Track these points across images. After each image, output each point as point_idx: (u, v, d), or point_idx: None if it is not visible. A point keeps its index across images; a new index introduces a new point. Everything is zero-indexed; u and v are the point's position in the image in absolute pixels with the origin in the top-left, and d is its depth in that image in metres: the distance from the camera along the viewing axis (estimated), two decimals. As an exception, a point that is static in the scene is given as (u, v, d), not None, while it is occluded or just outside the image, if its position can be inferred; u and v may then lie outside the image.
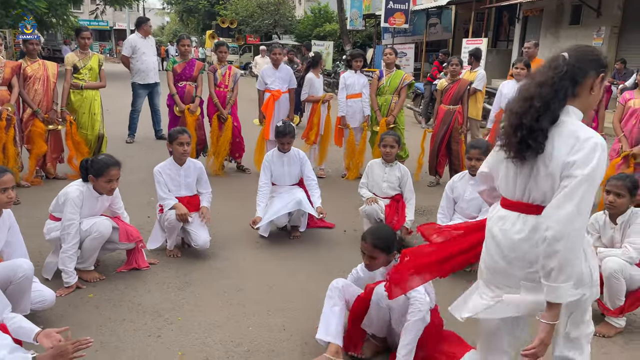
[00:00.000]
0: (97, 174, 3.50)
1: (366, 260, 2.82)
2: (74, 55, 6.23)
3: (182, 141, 4.00)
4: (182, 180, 4.12)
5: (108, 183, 3.52)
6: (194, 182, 4.19)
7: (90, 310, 3.24)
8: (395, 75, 6.44)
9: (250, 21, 29.73)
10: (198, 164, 4.20)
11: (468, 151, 3.92)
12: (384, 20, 17.99)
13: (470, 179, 3.99)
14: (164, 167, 4.08)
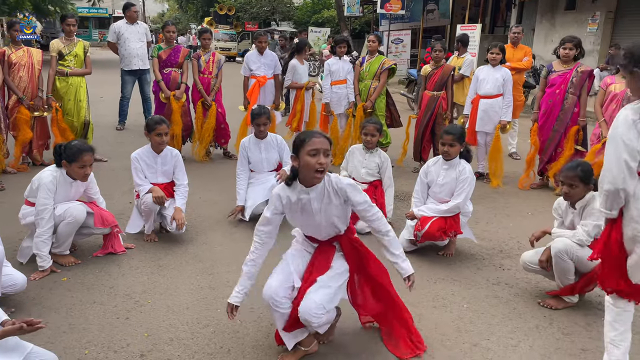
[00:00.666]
0: (70, 160, 3.53)
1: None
2: (59, 41, 6.24)
3: (160, 131, 4.03)
4: (158, 168, 4.16)
5: (81, 168, 3.56)
6: (171, 170, 4.22)
7: (63, 294, 3.29)
8: (374, 61, 6.43)
9: (248, 8, 29.56)
10: (175, 152, 4.22)
11: (442, 136, 3.94)
12: (380, 7, 17.86)
13: (443, 164, 4.01)
14: (141, 154, 4.12)
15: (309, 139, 2.45)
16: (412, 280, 2.70)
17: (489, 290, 3.52)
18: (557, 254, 3.15)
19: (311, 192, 2.53)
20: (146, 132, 4.11)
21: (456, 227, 3.89)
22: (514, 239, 4.44)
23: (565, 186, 3.23)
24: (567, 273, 3.18)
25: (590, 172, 3.22)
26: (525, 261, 3.43)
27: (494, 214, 5.06)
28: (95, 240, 4.03)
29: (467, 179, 3.87)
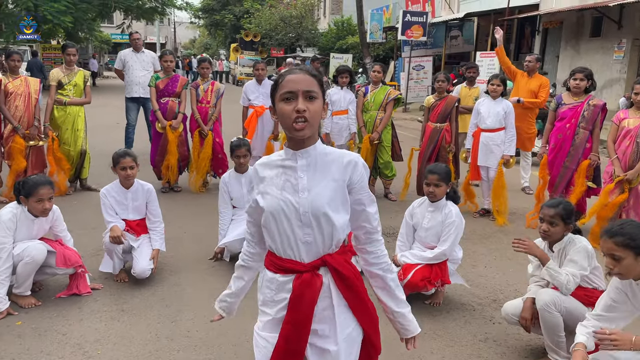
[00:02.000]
0: (27, 194, 3.40)
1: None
2: (59, 71, 6.23)
3: (125, 165, 3.88)
4: (129, 204, 3.99)
5: (39, 203, 3.41)
6: (143, 205, 4.05)
7: (12, 340, 3.10)
8: (379, 91, 6.22)
9: (274, 34, 29.90)
10: (147, 186, 4.05)
11: (426, 176, 3.65)
12: (401, 33, 17.74)
13: (429, 206, 3.71)
14: (110, 190, 3.96)
15: (283, 78, 1.74)
16: (415, 341, 2.05)
17: (474, 348, 3.18)
18: (544, 307, 2.82)
19: (300, 158, 1.77)
20: (112, 166, 3.94)
21: (443, 275, 3.57)
22: (512, 286, 4.07)
23: (544, 223, 2.96)
24: (556, 329, 2.84)
25: (572, 211, 2.95)
26: (508, 313, 3.10)
27: (494, 257, 4.71)
28: (63, 279, 3.85)
29: (453, 223, 3.56)
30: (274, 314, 1.83)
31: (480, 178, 5.79)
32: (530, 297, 3.00)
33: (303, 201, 1.74)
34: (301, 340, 1.78)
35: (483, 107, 5.68)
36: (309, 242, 1.76)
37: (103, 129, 10.44)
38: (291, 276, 1.79)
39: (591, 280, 2.94)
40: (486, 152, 5.65)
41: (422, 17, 17.82)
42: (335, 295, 1.82)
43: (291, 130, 1.72)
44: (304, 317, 1.77)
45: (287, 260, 1.79)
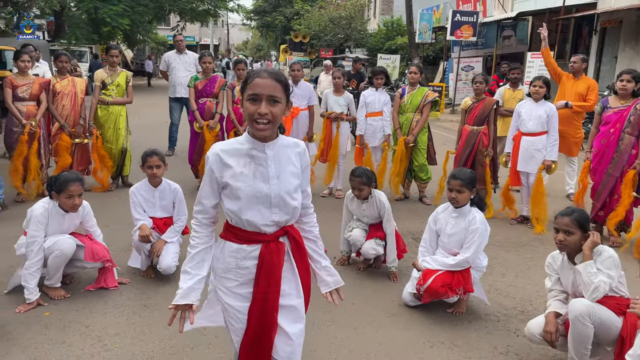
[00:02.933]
0: (58, 190, 3.53)
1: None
2: (103, 72, 6.47)
3: (151, 164, 3.97)
4: (157, 202, 4.09)
5: (69, 199, 3.54)
6: (171, 204, 4.13)
7: (38, 331, 3.23)
8: (417, 93, 6.10)
9: (322, 35, 29.98)
10: (174, 186, 4.13)
11: (449, 181, 3.55)
12: (450, 33, 17.40)
13: (453, 212, 3.60)
14: (139, 187, 4.07)
15: (252, 80, 1.93)
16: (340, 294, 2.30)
17: (492, 361, 3.06)
18: (579, 317, 2.65)
19: (268, 149, 2.01)
20: (141, 166, 4.05)
21: (465, 283, 3.45)
22: (543, 297, 3.87)
23: (560, 233, 2.83)
24: (585, 341, 2.68)
25: (587, 218, 2.81)
26: (533, 332, 2.95)
27: (527, 266, 4.51)
28: (93, 273, 3.99)
29: (477, 230, 3.43)
30: (241, 279, 2.07)
31: (520, 183, 5.57)
32: (553, 311, 2.85)
33: (273, 187, 2.01)
34: (275, 299, 2.06)
35: (524, 110, 5.45)
36: (276, 219, 2.04)
37: (151, 127, 10.78)
38: (257, 245, 2.05)
39: (618, 289, 2.77)
40: (527, 157, 5.43)
41: (473, 16, 17.41)
42: (293, 258, 2.14)
43: (253, 127, 1.96)
44: (275, 278, 2.05)
45: (253, 233, 2.04)
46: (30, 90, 5.82)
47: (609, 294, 2.74)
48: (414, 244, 4.97)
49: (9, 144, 5.87)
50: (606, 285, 2.68)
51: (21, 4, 17.42)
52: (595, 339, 2.72)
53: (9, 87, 5.72)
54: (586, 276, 2.71)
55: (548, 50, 6.64)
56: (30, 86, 5.83)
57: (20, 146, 5.69)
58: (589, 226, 2.85)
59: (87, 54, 21.06)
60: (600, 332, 2.69)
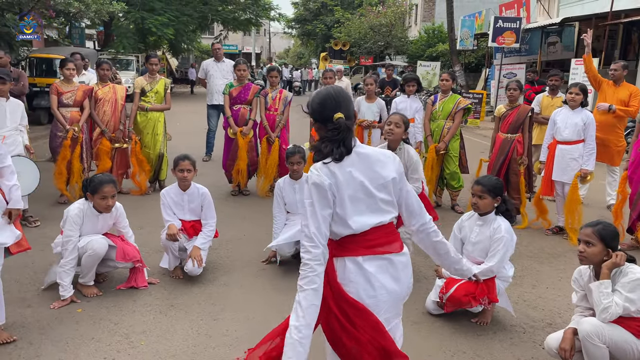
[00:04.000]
0: (92, 192, 3.68)
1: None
2: (143, 79, 6.71)
3: (182, 168, 4.08)
4: (185, 205, 4.20)
5: (102, 200, 3.68)
6: (199, 207, 4.23)
7: (70, 326, 3.38)
8: (449, 100, 6.05)
9: (362, 43, 30.02)
10: (202, 190, 4.23)
11: (472, 187, 3.50)
12: (492, 40, 17.10)
13: (478, 219, 3.55)
14: (169, 191, 4.20)
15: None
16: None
17: (515, 373, 2.99)
18: (586, 337, 2.61)
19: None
20: (172, 169, 4.17)
21: (490, 293, 3.39)
22: (572, 310, 3.71)
23: (581, 244, 2.76)
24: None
25: (614, 234, 2.69)
26: (550, 347, 2.87)
27: (559, 278, 4.38)
28: (125, 272, 4.13)
29: (502, 239, 3.37)
30: None
31: (552, 193, 5.42)
32: (572, 327, 2.78)
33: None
34: None
35: (559, 118, 5.32)
36: None
37: (191, 134, 11.05)
38: None
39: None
40: (562, 166, 5.28)
41: (515, 22, 17.07)
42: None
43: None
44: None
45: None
46: (74, 97, 6.09)
47: (634, 314, 2.63)
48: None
49: (53, 148, 6.16)
50: (619, 307, 2.59)
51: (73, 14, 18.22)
52: (614, 358, 2.64)
53: (54, 94, 6.01)
54: (597, 296, 2.65)
55: (590, 57, 6.45)
56: (74, 93, 6.11)
57: (64, 150, 5.96)
58: (616, 243, 2.73)
59: (134, 63, 21.82)
60: (617, 352, 2.61)
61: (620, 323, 2.62)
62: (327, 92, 2.11)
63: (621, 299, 2.60)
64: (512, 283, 4.19)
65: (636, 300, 2.59)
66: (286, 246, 4.27)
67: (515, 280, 4.29)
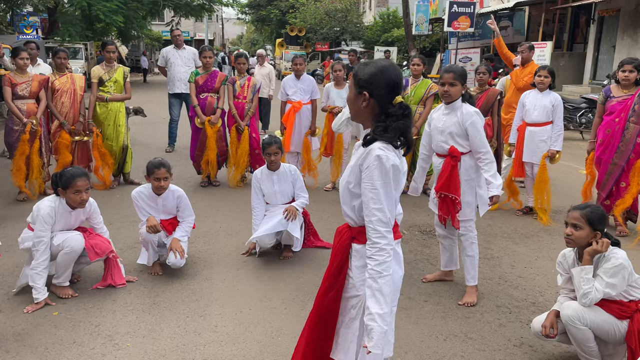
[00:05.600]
0: (65, 186, 3.47)
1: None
2: (100, 68, 6.39)
3: (159, 176, 3.90)
4: (160, 208, 4.05)
5: (76, 194, 3.50)
6: (174, 208, 4.09)
7: (47, 330, 3.20)
8: (420, 85, 6.06)
9: (318, 29, 29.86)
10: (177, 193, 4.06)
11: (442, 76, 3.51)
12: (448, 25, 17.32)
13: (445, 109, 3.57)
14: (141, 192, 4.00)
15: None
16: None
17: (507, 353, 3.04)
18: (568, 321, 2.70)
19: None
20: (146, 175, 3.98)
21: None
22: (553, 288, 3.87)
23: (568, 227, 2.80)
24: (585, 341, 2.69)
25: (601, 217, 2.76)
26: (535, 330, 2.94)
27: (535, 257, 4.50)
28: (100, 271, 3.96)
29: (474, 123, 3.43)
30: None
31: (524, 175, 5.55)
32: (555, 309, 2.85)
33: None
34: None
35: (528, 100, 5.43)
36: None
37: (150, 124, 10.70)
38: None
39: (628, 293, 2.73)
40: (532, 148, 5.40)
41: (470, 7, 17.33)
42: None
43: None
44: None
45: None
46: (30, 88, 5.75)
47: (616, 297, 2.70)
48: (420, 236, 4.96)
49: (10, 143, 5.81)
50: (599, 293, 2.64)
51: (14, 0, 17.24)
52: (599, 338, 2.72)
53: (7, 85, 5.65)
54: (577, 281, 2.71)
55: (500, 40, 6.76)
56: (29, 84, 5.76)
57: (22, 145, 5.63)
58: (603, 226, 2.77)
59: (82, 51, 20.89)
60: (599, 333, 2.69)
61: (602, 305, 2.69)
62: (397, 69, 1.97)
63: (602, 285, 2.65)
64: (492, 264, 4.30)
65: (617, 284, 2.65)
66: (267, 237, 4.19)
67: (494, 261, 4.40)
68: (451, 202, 3.57)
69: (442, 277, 3.96)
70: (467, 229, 3.64)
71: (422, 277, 3.99)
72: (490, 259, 4.42)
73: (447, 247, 3.86)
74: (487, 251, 4.56)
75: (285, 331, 3.19)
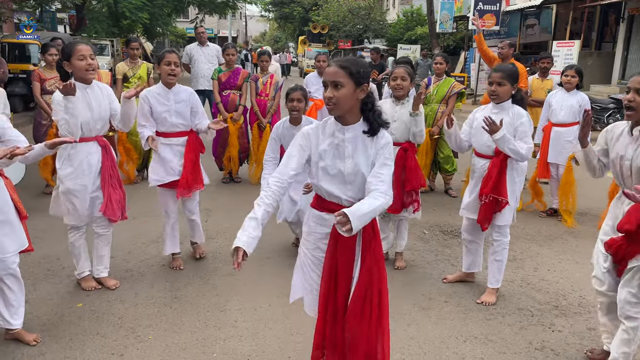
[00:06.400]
0: (68, 56, 3.30)
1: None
2: (125, 64, 6.49)
3: (170, 60, 3.71)
4: (172, 106, 3.81)
5: (81, 61, 3.29)
6: (187, 110, 3.86)
7: (71, 322, 3.27)
8: (443, 84, 6.00)
9: (341, 26, 29.78)
10: (189, 90, 3.93)
11: (490, 75, 3.45)
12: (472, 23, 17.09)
13: (493, 108, 3.48)
14: (152, 90, 3.81)
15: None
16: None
17: (528, 357, 3.00)
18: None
19: (347, 132, 2.24)
20: (156, 64, 3.84)
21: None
22: (576, 292, 3.81)
23: (631, 92, 2.50)
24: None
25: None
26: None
27: (559, 260, 4.42)
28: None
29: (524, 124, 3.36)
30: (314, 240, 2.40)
31: (549, 176, 5.46)
32: None
33: (347, 165, 2.23)
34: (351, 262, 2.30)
35: (555, 100, 5.33)
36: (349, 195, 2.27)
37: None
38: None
39: None
40: (557, 149, 5.31)
41: (495, 5, 17.09)
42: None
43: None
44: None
45: (331, 203, 2.31)
46: (58, 83, 5.86)
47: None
48: (441, 236, 4.92)
49: (37, 137, 5.93)
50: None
51: (44, -3, 17.60)
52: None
53: (37, 81, 5.77)
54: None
55: (481, 36, 6.54)
56: (57, 79, 5.87)
57: (49, 139, 5.73)
58: None
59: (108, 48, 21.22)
60: None
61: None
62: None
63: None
64: (515, 266, 4.24)
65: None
66: (288, 206, 4.13)
67: (517, 263, 4.33)
68: (496, 205, 3.44)
69: (464, 278, 3.92)
70: (502, 233, 3.56)
71: (442, 277, 3.96)
72: (513, 260, 4.36)
73: (472, 250, 3.80)
74: (510, 253, 4.46)
75: (304, 328, 3.20)
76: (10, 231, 2.86)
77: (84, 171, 3.48)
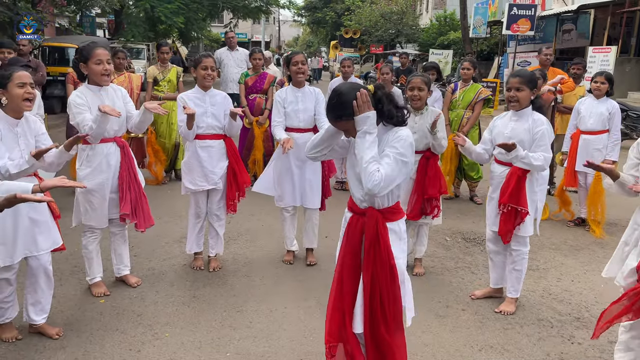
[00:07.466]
0: (85, 59, 3.36)
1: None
2: (155, 68, 6.65)
3: (207, 64, 3.82)
4: (207, 107, 3.90)
5: (98, 65, 3.35)
6: (221, 112, 3.94)
7: (94, 317, 3.37)
8: (470, 89, 5.94)
9: (373, 31, 29.74)
10: (224, 94, 4.04)
11: (508, 81, 3.39)
12: (507, 27, 16.82)
13: (512, 116, 3.43)
14: (188, 93, 3.95)
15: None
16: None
17: (545, 368, 2.94)
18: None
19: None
20: (192, 68, 3.93)
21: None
22: (600, 304, 3.70)
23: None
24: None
25: None
26: None
27: (584, 271, 4.31)
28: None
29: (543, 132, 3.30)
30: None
31: (576, 184, 5.33)
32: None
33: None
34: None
35: (584, 107, 5.21)
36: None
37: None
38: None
39: None
40: (585, 157, 5.15)
41: (530, 10, 16.77)
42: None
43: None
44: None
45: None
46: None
47: None
48: (463, 244, 4.86)
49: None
50: None
51: (84, 3, 18.16)
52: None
53: (70, 83, 5.96)
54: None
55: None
56: (90, 82, 6.06)
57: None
58: None
59: (144, 52, 21.75)
60: None
61: None
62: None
63: None
64: (537, 275, 4.16)
65: None
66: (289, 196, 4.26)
67: (539, 272, 4.25)
68: (516, 216, 3.39)
69: (492, 293, 3.77)
70: (521, 243, 3.50)
71: (470, 293, 3.82)
72: (535, 270, 4.27)
73: (497, 263, 3.69)
74: (533, 262, 4.40)
75: (318, 331, 3.21)
76: (45, 229, 3.00)
77: (103, 171, 3.56)
